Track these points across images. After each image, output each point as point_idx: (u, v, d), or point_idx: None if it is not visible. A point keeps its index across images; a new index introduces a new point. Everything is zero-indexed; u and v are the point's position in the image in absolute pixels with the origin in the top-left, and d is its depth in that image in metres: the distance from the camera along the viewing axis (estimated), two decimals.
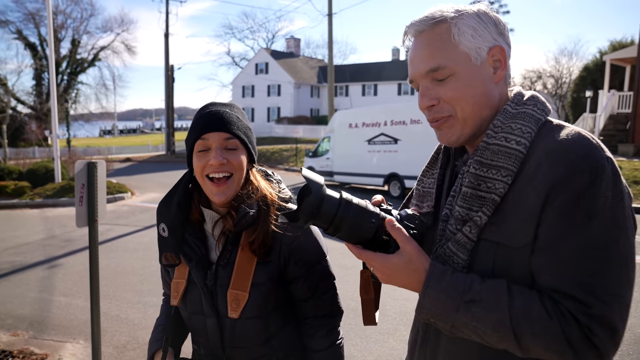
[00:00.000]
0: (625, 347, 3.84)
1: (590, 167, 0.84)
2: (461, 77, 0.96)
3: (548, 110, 0.98)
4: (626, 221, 0.85)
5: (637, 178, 12.20)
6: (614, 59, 20.60)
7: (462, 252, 0.95)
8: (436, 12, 0.99)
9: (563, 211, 0.85)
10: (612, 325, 0.81)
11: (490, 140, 0.95)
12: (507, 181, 0.91)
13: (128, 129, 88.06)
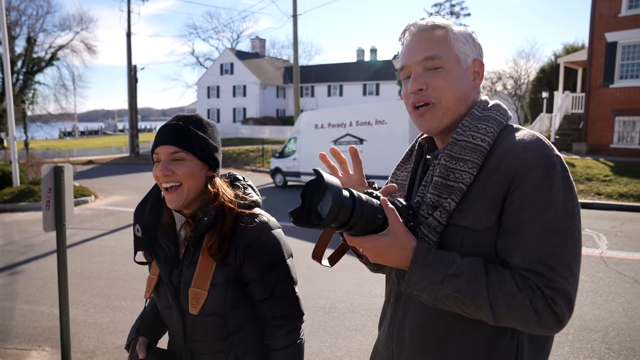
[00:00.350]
0: (576, 333, 4.10)
1: (543, 163, 0.99)
2: (450, 72, 1.11)
3: (509, 116, 1.14)
4: (575, 210, 1.00)
5: (590, 175, 12.83)
6: (568, 62, 21.53)
7: (432, 234, 1.06)
8: (437, 19, 1.16)
9: (523, 202, 0.99)
10: (569, 295, 0.96)
11: (459, 137, 1.09)
12: (473, 172, 1.05)
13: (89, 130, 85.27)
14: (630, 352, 3.78)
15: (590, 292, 5.13)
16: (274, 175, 16.03)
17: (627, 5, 17.13)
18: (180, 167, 1.34)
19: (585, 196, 11.55)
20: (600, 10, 17.69)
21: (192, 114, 1.42)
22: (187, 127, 1.36)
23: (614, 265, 6.14)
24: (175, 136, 1.34)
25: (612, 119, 17.75)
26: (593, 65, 18.04)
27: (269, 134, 29.63)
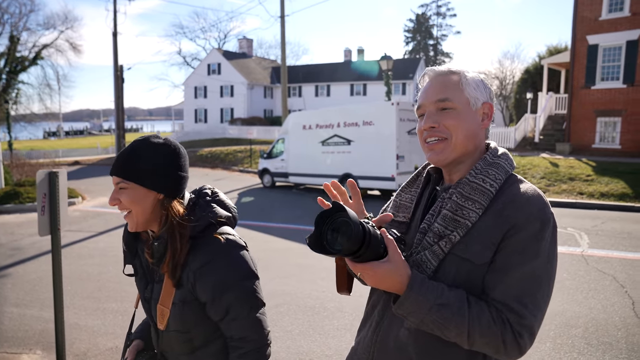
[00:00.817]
0: (558, 330, 4.24)
1: (541, 218, 1.16)
2: (460, 113, 1.26)
3: (514, 165, 1.30)
4: (554, 260, 1.18)
5: (572, 175, 13.10)
6: (551, 63, 21.89)
7: (434, 259, 1.21)
8: (453, 66, 1.32)
9: (517, 247, 1.14)
10: (533, 331, 1.12)
11: (472, 179, 1.23)
12: (479, 212, 1.20)
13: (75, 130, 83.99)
14: (608, 346, 3.93)
15: (572, 290, 5.30)
16: (262, 176, 16.08)
17: (607, 9, 17.51)
18: (124, 195, 1.39)
19: (568, 196, 11.81)
20: (581, 14, 18.05)
21: (146, 139, 1.43)
22: (132, 156, 1.40)
23: (594, 263, 6.33)
24: (120, 167, 1.40)
25: (594, 119, 18.11)
26: (575, 66, 18.40)
27: (257, 134, 29.64)
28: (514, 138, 20.41)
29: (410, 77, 42.09)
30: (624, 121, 17.45)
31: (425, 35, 69.87)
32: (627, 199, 11.02)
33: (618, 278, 5.67)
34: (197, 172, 21.47)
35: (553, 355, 3.83)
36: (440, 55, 70.47)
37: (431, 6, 69.41)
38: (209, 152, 26.53)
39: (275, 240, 8.00)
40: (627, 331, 4.21)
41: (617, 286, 5.39)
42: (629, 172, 12.81)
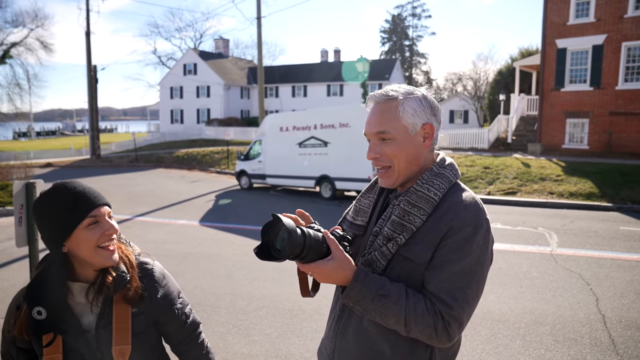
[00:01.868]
0: (527, 327, 4.41)
1: (474, 223, 1.32)
2: (399, 142, 1.38)
3: (458, 175, 1.44)
4: (486, 261, 1.34)
5: (543, 175, 13.49)
6: (523, 66, 22.44)
7: (383, 259, 1.37)
8: (391, 90, 1.41)
9: (452, 247, 1.30)
10: (461, 322, 1.28)
11: (418, 188, 1.38)
12: (423, 218, 1.35)
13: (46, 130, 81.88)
14: (573, 342, 4.12)
15: (541, 288, 5.50)
16: (239, 177, 16.06)
17: (574, 14, 18.10)
18: (114, 223, 1.46)
19: (539, 195, 12.16)
20: (550, 18, 18.58)
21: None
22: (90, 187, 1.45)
23: (563, 261, 6.57)
24: (101, 196, 1.44)
25: (564, 120, 18.67)
26: (545, 69, 18.92)
27: (234, 135, 29.51)
28: (488, 139, 20.85)
29: (386, 78, 42.49)
30: (591, 122, 18.04)
31: (401, 36, 70.59)
32: (594, 199, 11.42)
33: (584, 276, 5.91)
34: (174, 174, 21.27)
35: (522, 352, 3.99)
36: (415, 55, 71.28)
37: (407, 7, 70.17)
38: (186, 153, 26.30)
39: (253, 243, 8.05)
40: (590, 327, 4.42)
41: (583, 284, 5.62)
42: (596, 172, 13.27)
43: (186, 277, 6.22)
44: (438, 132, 1.44)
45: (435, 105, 1.43)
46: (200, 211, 11.51)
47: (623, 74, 17.31)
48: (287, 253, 1.17)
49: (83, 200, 1.37)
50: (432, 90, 1.47)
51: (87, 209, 1.37)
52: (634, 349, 4.00)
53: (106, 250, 1.41)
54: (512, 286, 5.62)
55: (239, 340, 4.32)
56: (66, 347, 1.40)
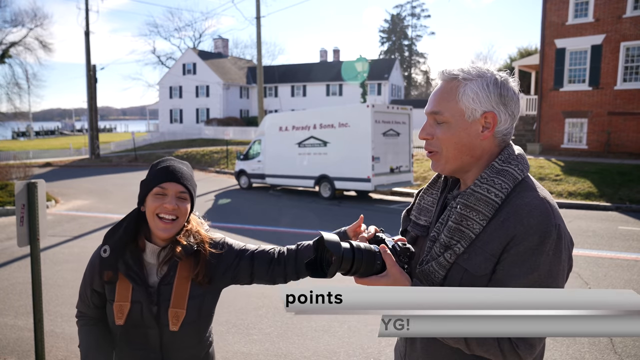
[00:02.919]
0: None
1: (540, 231, 1.15)
2: (452, 126, 1.26)
3: (527, 169, 1.27)
4: (559, 272, 1.17)
5: (542, 175, 13.52)
6: (522, 65, 22.49)
7: (441, 270, 1.25)
8: (456, 70, 1.28)
9: (516, 259, 1.15)
10: (531, 342, 1.13)
11: (476, 189, 1.23)
12: (483, 224, 1.21)
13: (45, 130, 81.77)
14: (572, 341, 4.14)
15: None
16: (238, 177, 16.07)
17: (573, 14, 18.14)
18: (183, 204, 1.58)
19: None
20: (549, 18, 18.62)
21: (185, 162, 1.68)
22: (189, 172, 1.64)
23: None
24: (181, 177, 1.58)
25: (563, 120, 18.71)
26: (544, 69, 18.96)
27: (233, 134, 29.53)
28: None
29: (385, 78, 42.51)
30: (590, 122, 18.08)
31: (400, 36, 70.65)
32: (592, 198, 11.45)
33: (583, 275, 5.94)
34: None
35: None
36: (415, 55, 71.35)
37: (406, 7, 70.25)
38: (185, 153, 26.31)
39: (253, 242, 8.03)
40: None
41: (581, 283, 5.65)
42: (594, 172, 13.30)
43: None
44: (510, 125, 1.28)
45: (507, 94, 1.26)
46: (199, 211, 11.37)
47: (622, 74, 17.35)
48: (333, 270, 1.20)
49: (162, 173, 1.57)
50: (512, 77, 1.30)
51: (160, 181, 1.56)
52: (632, 347, 4.02)
53: (162, 221, 1.55)
54: None
55: (239, 340, 4.33)
56: (134, 297, 1.57)
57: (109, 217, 10.79)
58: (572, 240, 1.25)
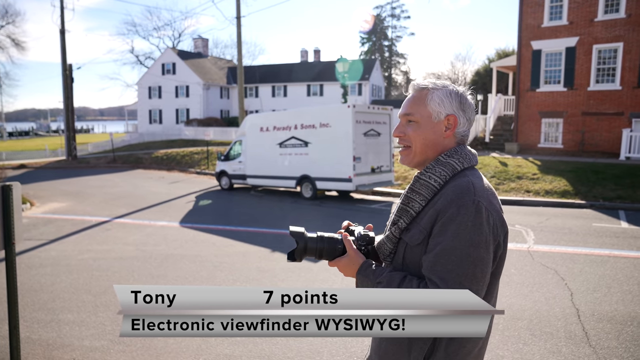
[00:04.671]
0: (505, 323, 4.52)
1: (458, 204, 1.36)
2: (421, 125, 1.51)
3: (467, 162, 1.49)
4: (480, 243, 1.34)
5: (520, 174, 13.76)
6: (500, 66, 22.85)
7: (390, 243, 1.51)
8: (428, 81, 1.55)
9: (441, 229, 1.37)
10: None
11: (421, 176, 1.48)
12: (422, 204, 1.45)
13: (19, 131, 79.68)
14: (549, 336, 4.24)
15: (518, 284, 5.63)
16: (219, 178, 15.96)
17: (548, 17, 18.52)
18: None
19: (516, 193, 12.41)
20: (526, 20, 18.97)
21: None
22: None
23: (539, 258, 6.73)
24: None
25: (539, 120, 19.07)
26: (522, 70, 19.30)
27: (214, 135, 29.28)
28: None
29: (366, 78, 42.70)
30: (565, 122, 18.47)
31: (380, 37, 71.03)
32: (568, 196, 11.70)
33: (559, 271, 6.07)
34: (153, 175, 21.01)
35: (501, 346, 4.09)
36: (395, 56, 71.81)
37: (386, 8, 70.65)
38: (165, 153, 26.00)
39: (235, 244, 8.02)
40: (565, 321, 4.54)
41: (558, 279, 5.78)
42: (570, 171, 13.60)
43: (167, 279, 6.17)
44: (467, 128, 1.53)
45: (465, 102, 1.53)
46: (180, 212, 11.40)
47: (594, 76, 17.78)
48: (299, 256, 1.55)
49: None
50: (469, 91, 1.57)
51: None
52: (605, 340, 4.13)
53: None
54: None
55: (222, 342, 4.31)
56: None
57: (87, 219, 10.60)
58: (501, 221, 1.42)
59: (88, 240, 8.54)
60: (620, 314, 4.68)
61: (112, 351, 4.20)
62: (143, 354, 4.15)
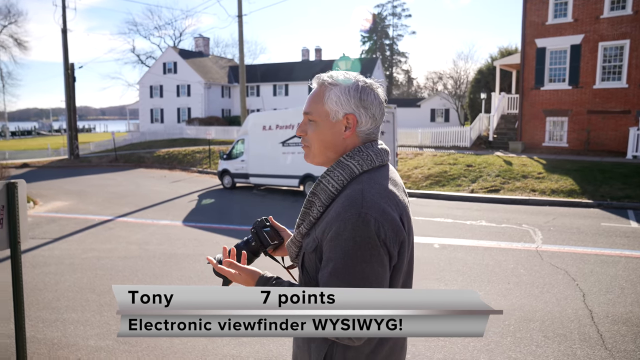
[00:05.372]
0: (517, 324, 4.44)
1: (344, 217, 1.27)
2: (319, 125, 1.42)
3: (368, 164, 1.38)
4: (373, 257, 1.25)
5: (525, 173, 13.67)
6: (503, 65, 22.73)
7: (294, 246, 1.47)
8: (326, 76, 1.44)
9: (328, 245, 1.29)
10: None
11: (322, 179, 1.40)
12: (321, 210, 1.38)
13: (22, 130, 79.71)
14: (563, 338, 4.15)
15: (528, 285, 5.55)
16: (222, 177, 15.88)
17: (553, 14, 18.39)
18: None
19: (522, 193, 12.32)
20: (530, 18, 18.85)
21: None
22: None
23: (548, 258, 6.65)
24: None
25: (544, 119, 18.96)
26: (525, 68, 19.19)
27: (215, 134, 29.21)
28: (470, 137, 21.06)
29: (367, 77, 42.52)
30: (570, 120, 18.36)
31: (381, 35, 70.90)
32: (575, 195, 11.61)
33: (570, 272, 5.98)
34: (155, 174, 20.95)
35: (514, 348, 4.01)
36: (396, 54, 71.69)
37: (387, 6, 70.50)
38: (167, 153, 25.94)
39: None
40: (579, 322, 4.46)
41: (569, 280, 5.69)
42: (576, 170, 13.50)
43: (171, 278, 6.10)
44: (372, 125, 1.42)
45: (367, 98, 1.41)
46: (183, 211, 11.33)
47: (600, 73, 17.66)
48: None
49: None
50: (378, 84, 1.48)
51: None
52: (621, 343, 4.05)
53: None
54: (499, 283, 5.65)
55: (228, 342, 4.24)
56: None
57: (90, 218, 10.53)
58: (395, 230, 1.30)
59: (91, 239, 8.48)
60: (636, 316, 4.59)
61: (117, 351, 4.13)
62: (148, 354, 4.07)
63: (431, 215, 10.11)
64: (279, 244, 1.71)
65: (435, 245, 7.54)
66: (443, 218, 9.82)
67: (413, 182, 14.43)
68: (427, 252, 7.07)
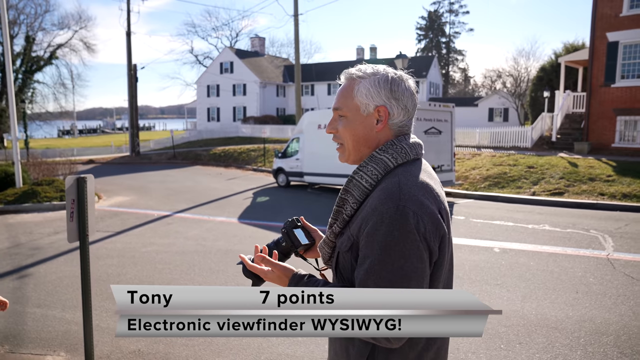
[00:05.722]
0: (588, 337, 4.13)
1: (381, 211, 1.22)
2: (350, 120, 1.38)
3: (402, 157, 1.34)
4: (411, 252, 1.19)
5: (592, 175, 12.87)
6: (568, 61, 21.54)
7: (327, 247, 1.42)
8: (355, 70, 1.39)
9: (365, 240, 1.23)
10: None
11: (355, 175, 1.35)
12: (354, 207, 1.32)
13: (88, 128, 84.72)
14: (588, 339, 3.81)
15: (599, 295, 5.17)
16: (276, 175, 16.05)
17: (629, 5, 17.16)
18: None
19: (589, 196, 11.60)
20: (601, 10, 17.72)
21: None
22: None
23: (621, 267, 6.18)
24: None
25: (614, 118, 17.79)
26: (594, 64, 18.08)
27: (270, 133, 29.65)
28: (531, 137, 20.15)
29: (423, 75, 41.84)
30: None
31: (437, 33, 69.39)
32: None
33: None
34: (211, 171, 21.52)
35: None
36: (453, 52, 69.95)
37: (443, 3, 68.93)
38: (222, 150, 26.59)
39: None
40: None
41: None
42: None
43: (228, 274, 6.18)
44: (405, 117, 1.38)
45: (398, 89, 1.35)
46: (238, 208, 11.53)
47: None
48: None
49: None
50: (409, 75, 1.41)
51: None
52: None
53: None
54: (566, 291, 5.30)
55: (283, 341, 4.22)
56: None
57: (150, 213, 10.93)
58: (435, 224, 1.24)
59: (151, 234, 8.78)
60: None
61: (176, 344, 4.21)
62: (205, 349, 4.13)
63: (490, 218, 9.72)
64: (311, 245, 1.67)
65: (495, 249, 7.22)
66: (503, 221, 9.40)
67: (471, 183, 13.95)
68: (486, 256, 6.78)
